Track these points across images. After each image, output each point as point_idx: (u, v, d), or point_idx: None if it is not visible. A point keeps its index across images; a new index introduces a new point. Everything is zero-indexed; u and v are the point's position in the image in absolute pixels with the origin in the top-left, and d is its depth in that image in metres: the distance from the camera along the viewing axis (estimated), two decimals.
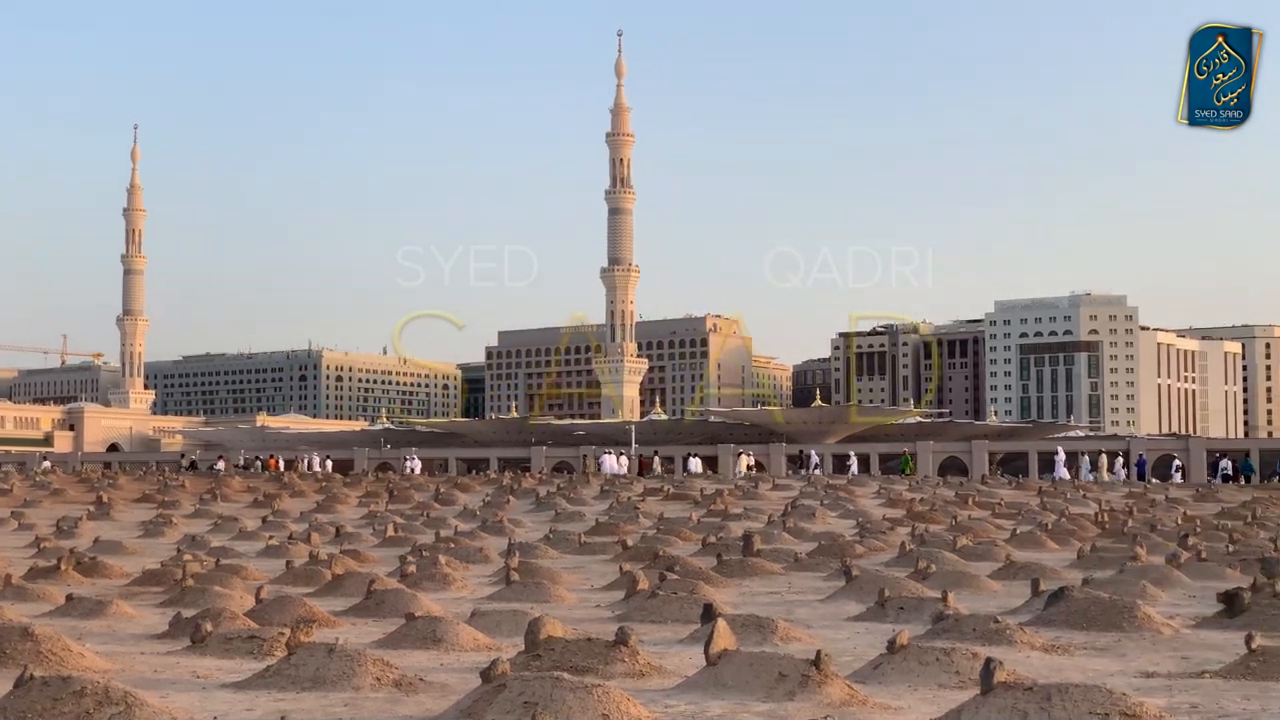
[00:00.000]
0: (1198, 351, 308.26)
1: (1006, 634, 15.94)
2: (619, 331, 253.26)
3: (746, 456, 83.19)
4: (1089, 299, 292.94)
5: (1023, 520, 40.81)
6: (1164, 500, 51.41)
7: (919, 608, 18.80)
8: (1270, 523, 40.70)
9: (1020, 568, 25.44)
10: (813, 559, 28.47)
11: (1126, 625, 17.24)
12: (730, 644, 13.25)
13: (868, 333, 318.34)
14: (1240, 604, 17.94)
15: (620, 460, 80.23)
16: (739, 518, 41.79)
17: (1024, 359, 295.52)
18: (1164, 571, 24.16)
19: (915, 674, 13.22)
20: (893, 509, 46.39)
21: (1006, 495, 53.43)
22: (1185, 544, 30.96)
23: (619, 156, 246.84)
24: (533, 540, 33.78)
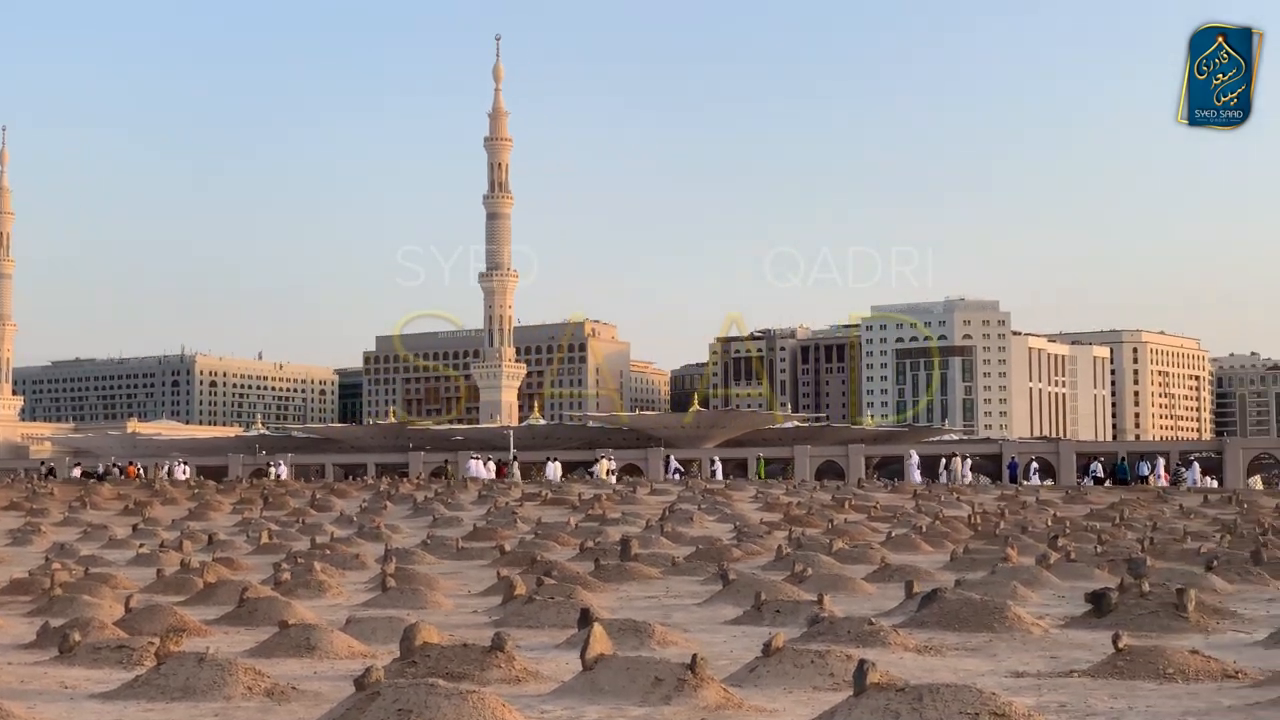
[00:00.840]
0: (1068, 356, 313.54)
1: (880, 636, 16.10)
2: (497, 336, 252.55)
3: (607, 460, 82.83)
4: (963, 304, 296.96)
5: (898, 523, 41.25)
6: (1035, 502, 52.21)
7: (795, 611, 18.92)
8: (1138, 524, 41.50)
9: (895, 570, 25.71)
10: (690, 563, 28.56)
11: (997, 626, 17.47)
12: (607, 648, 13.25)
13: (745, 338, 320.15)
14: (1108, 604, 18.26)
15: (487, 465, 79.69)
16: (617, 522, 41.83)
17: (900, 363, 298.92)
18: (1034, 572, 24.53)
19: (790, 676, 13.30)
20: (770, 513, 46.67)
21: (882, 499, 53.96)
22: (1055, 545, 31.47)
23: (497, 161, 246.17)
24: (410, 546, 33.56)
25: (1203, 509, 49.56)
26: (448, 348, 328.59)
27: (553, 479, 70.91)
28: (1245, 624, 18.52)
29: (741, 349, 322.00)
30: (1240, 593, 23.12)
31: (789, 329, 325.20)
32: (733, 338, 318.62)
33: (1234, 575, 24.91)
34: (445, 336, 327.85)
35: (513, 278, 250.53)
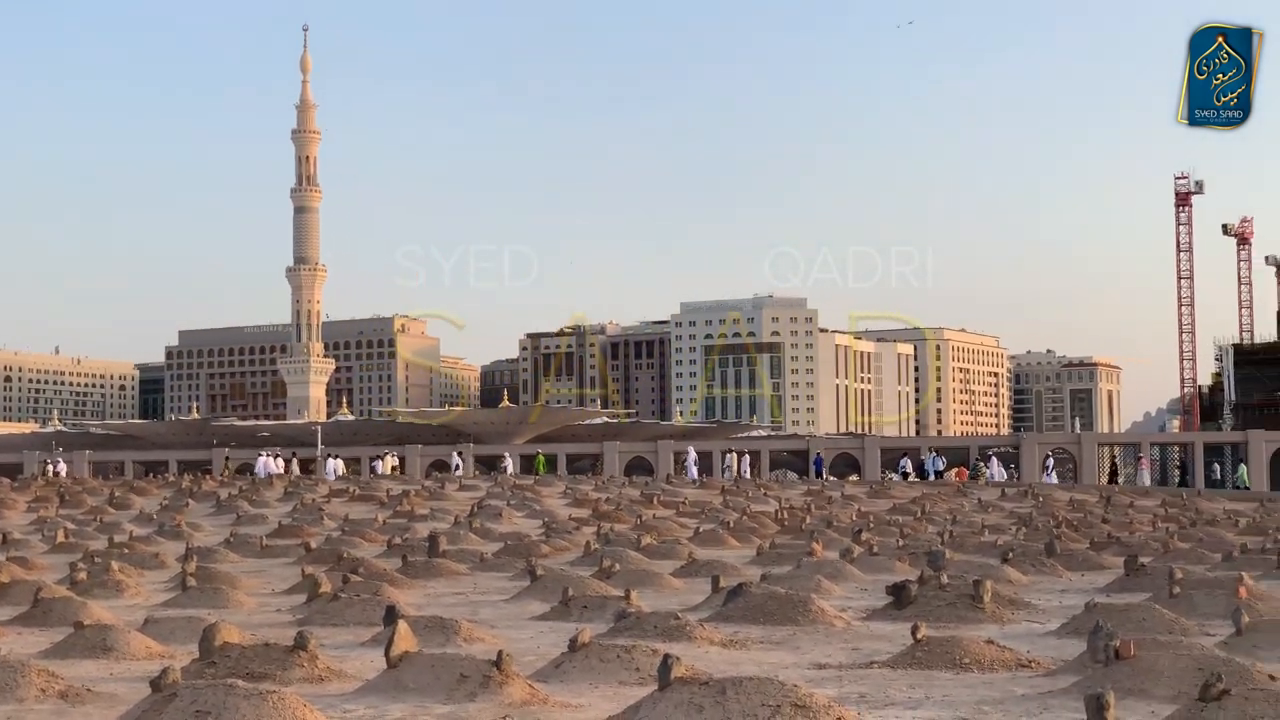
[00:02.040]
0: (873, 353, 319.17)
1: (687, 630, 16.20)
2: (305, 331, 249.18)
3: (390, 457, 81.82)
4: (771, 301, 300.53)
5: (706, 519, 41.58)
6: (840, 497, 53.03)
7: (602, 606, 18.96)
8: (938, 518, 42.39)
9: (702, 565, 25.91)
10: (499, 559, 28.48)
11: (801, 619, 17.71)
12: (411, 646, 13.14)
13: (555, 334, 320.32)
14: (908, 596, 18.61)
15: (278, 462, 78.09)
16: (425, 519, 41.53)
17: (709, 360, 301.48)
18: (838, 566, 24.92)
19: (597, 671, 13.32)
20: (579, 509, 46.73)
21: (691, 494, 54.35)
22: (859, 539, 31.99)
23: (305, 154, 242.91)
24: (212, 544, 32.92)
25: (1000, 503, 50.81)
26: (254, 343, 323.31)
27: (330, 477, 69.67)
28: (1039, 614, 19.01)
29: (552, 345, 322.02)
30: (1034, 584, 23.75)
31: (599, 325, 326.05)
32: (543, 334, 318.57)
33: (1029, 567, 25.58)
34: (252, 331, 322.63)
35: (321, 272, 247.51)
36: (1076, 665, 13.32)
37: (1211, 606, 18.00)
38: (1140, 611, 16.74)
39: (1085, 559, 27.88)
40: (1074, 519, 40.96)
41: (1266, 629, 14.97)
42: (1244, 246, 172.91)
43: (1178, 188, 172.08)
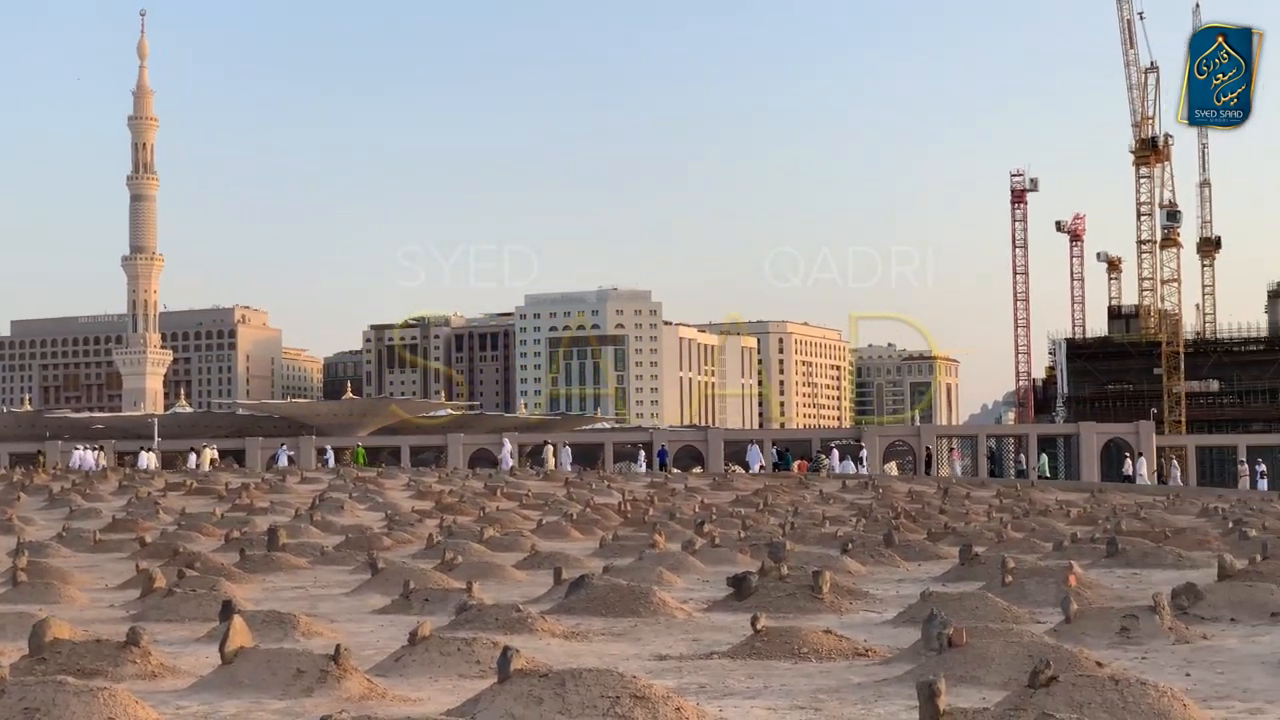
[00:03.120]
0: (717, 346, 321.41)
1: (528, 622, 16.19)
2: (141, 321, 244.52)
3: (210, 449, 79.48)
4: (616, 294, 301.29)
5: (549, 511, 41.57)
6: (684, 489, 53.34)
7: (444, 599, 18.87)
8: (780, 509, 42.82)
9: (545, 557, 25.89)
10: (339, 552, 28.22)
11: (643, 610, 17.77)
12: (247, 641, 12.95)
13: (399, 325, 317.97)
14: (748, 587, 18.77)
15: (95, 454, 75.86)
16: (265, 512, 40.99)
17: (553, 352, 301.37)
18: (680, 558, 25.05)
19: (437, 665, 13.24)
20: (422, 501, 46.45)
21: (534, 486, 54.30)
22: (701, 531, 32.22)
23: (142, 141, 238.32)
24: (44, 539, 32.17)
25: (841, 494, 51.48)
26: (89, 333, 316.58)
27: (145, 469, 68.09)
28: (876, 604, 19.28)
29: (395, 337, 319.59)
30: (873, 574, 24.09)
31: (443, 317, 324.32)
32: (386, 325, 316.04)
33: (867, 557, 25.94)
34: (86, 322, 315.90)
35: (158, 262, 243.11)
36: (911, 653, 13.53)
37: (1043, 595, 18.39)
38: (974, 600, 17.05)
39: (922, 549, 28.35)
40: (912, 510, 41.62)
41: (1094, 616, 15.34)
42: (1076, 243, 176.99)
43: (1013, 185, 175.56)
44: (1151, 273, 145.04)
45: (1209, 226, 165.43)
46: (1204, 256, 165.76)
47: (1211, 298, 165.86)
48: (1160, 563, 24.15)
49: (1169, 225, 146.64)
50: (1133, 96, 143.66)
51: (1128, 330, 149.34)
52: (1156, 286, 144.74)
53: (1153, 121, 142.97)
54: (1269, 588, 17.26)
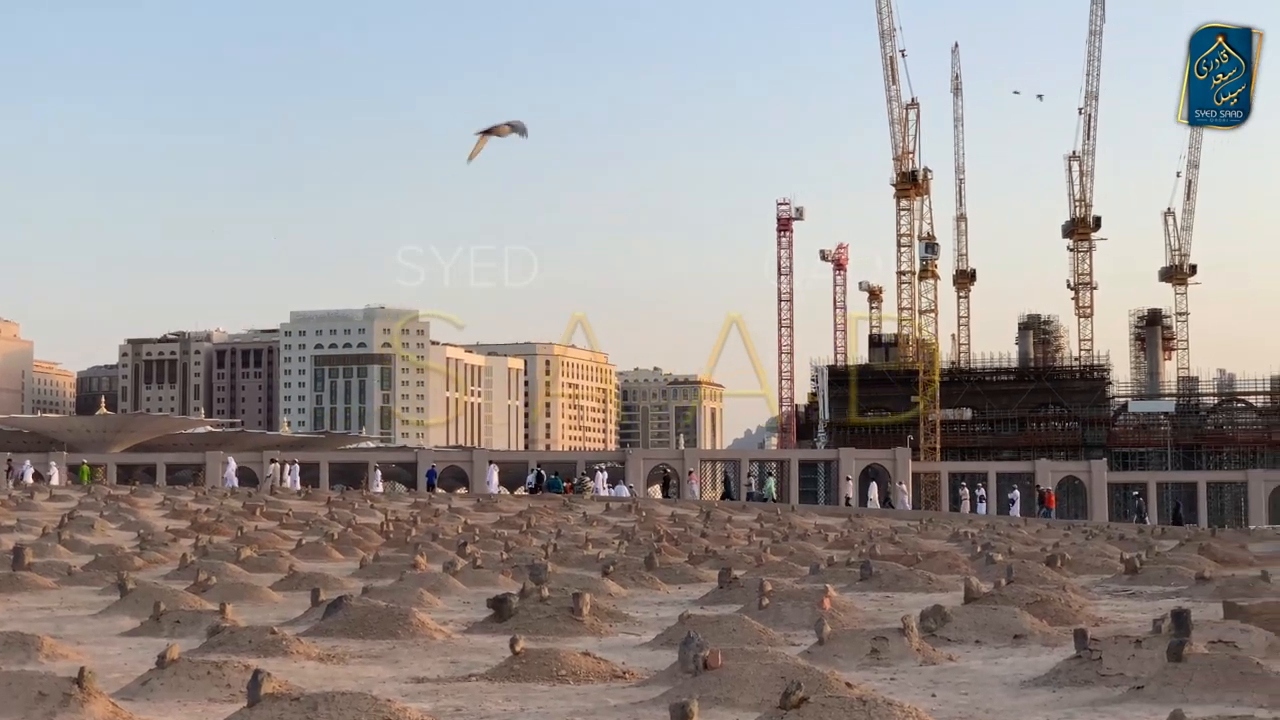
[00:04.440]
0: (484, 366, 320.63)
1: (283, 645, 15.90)
2: None
3: None
4: (383, 312, 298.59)
5: (310, 531, 40.93)
6: (447, 510, 53.00)
7: (196, 621, 18.43)
8: (544, 531, 42.84)
9: (303, 578, 25.46)
10: (88, 572, 27.37)
11: (401, 632, 17.60)
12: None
13: (158, 340, 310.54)
14: (508, 609, 18.72)
15: None
16: (11, 530, 39.57)
17: (319, 370, 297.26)
18: (442, 579, 24.88)
19: (186, 688, 12.93)
20: (177, 520, 45.32)
21: (295, 505, 53.40)
22: (464, 552, 32.04)
23: None
24: None
25: (605, 517, 51.71)
26: None
27: None
28: (636, 626, 19.40)
29: (154, 351, 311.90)
30: (633, 596, 24.23)
31: (204, 332, 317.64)
32: (145, 340, 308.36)
33: (628, 580, 26.08)
34: None
35: None
36: (668, 675, 13.63)
37: (798, 617, 18.71)
38: (731, 623, 17.26)
39: (683, 572, 28.62)
40: (675, 533, 42.00)
41: (846, 638, 15.66)
42: (840, 272, 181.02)
43: (779, 213, 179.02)
44: (910, 303, 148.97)
45: (965, 259, 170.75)
46: (960, 288, 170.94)
47: (966, 328, 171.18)
48: (911, 586, 24.75)
49: (927, 257, 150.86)
50: (894, 131, 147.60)
51: (887, 358, 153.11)
52: (915, 316, 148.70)
53: (913, 156, 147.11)
54: (1012, 611, 17.82)
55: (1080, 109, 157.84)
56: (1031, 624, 17.42)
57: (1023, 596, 19.51)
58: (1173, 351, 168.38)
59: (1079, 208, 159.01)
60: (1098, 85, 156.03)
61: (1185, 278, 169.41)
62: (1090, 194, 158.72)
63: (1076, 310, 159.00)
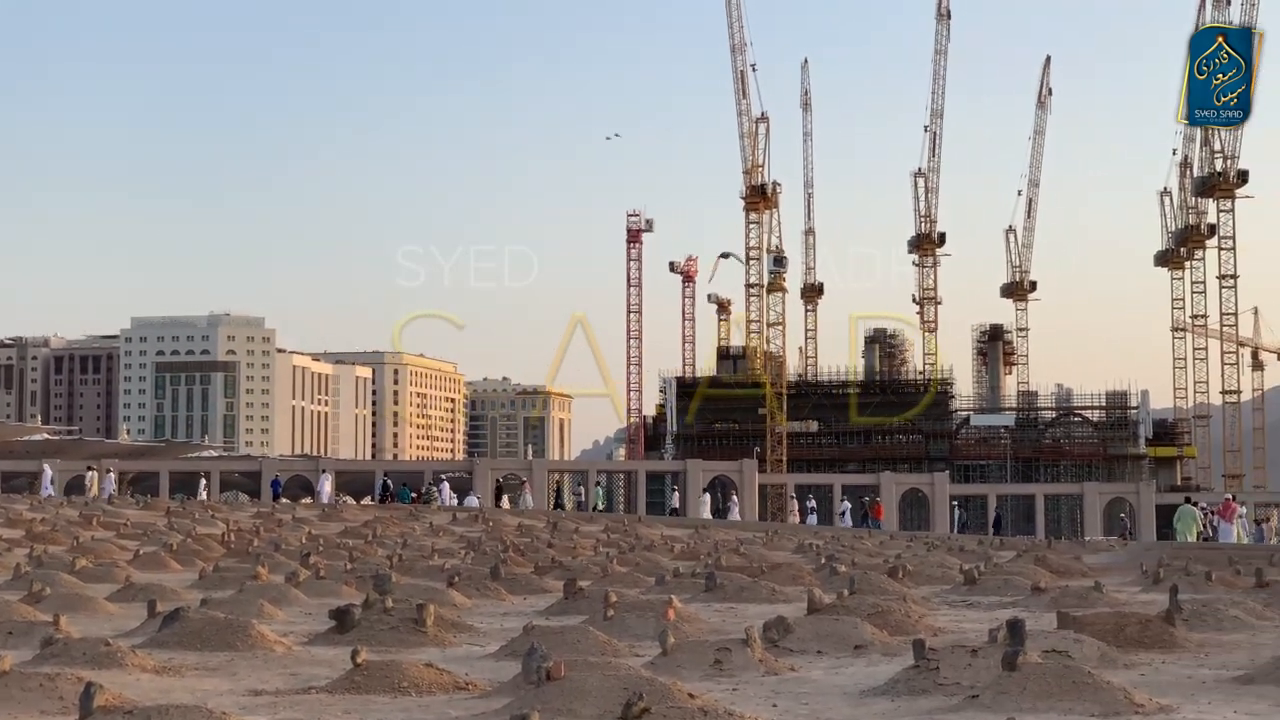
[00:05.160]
0: (331, 375, 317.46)
1: (117, 657, 15.57)
2: None
3: None
4: (228, 319, 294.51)
5: (148, 541, 40.17)
6: (291, 520, 52.36)
7: (29, 632, 17.99)
8: (389, 541, 42.48)
9: (140, 589, 24.96)
10: None
11: (240, 644, 17.33)
12: None
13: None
14: (351, 620, 18.52)
15: None
16: None
17: (160, 377, 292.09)
18: (284, 590, 24.56)
19: (17, 700, 12.61)
20: (11, 529, 44.22)
21: (133, 515, 52.38)
22: (307, 562, 31.66)
23: None
24: None
25: (451, 527, 51.44)
26: None
27: None
28: (480, 637, 19.31)
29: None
30: (478, 607, 24.12)
31: (42, 337, 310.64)
32: None
33: (473, 590, 25.97)
34: None
35: None
36: (511, 687, 13.58)
37: (643, 628, 18.75)
38: (575, 633, 17.24)
39: (529, 582, 28.55)
40: (521, 543, 41.90)
41: (690, 649, 15.72)
42: (689, 284, 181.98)
43: (629, 225, 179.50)
44: (758, 315, 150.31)
45: (812, 273, 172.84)
46: (807, 301, 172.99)
47: (814, 341, 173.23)
48: (756, 597, 24.93)
49: (775, 270, 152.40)
50: (744, 145, 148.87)
51: (735, 370, 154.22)
52: (763, 329, 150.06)
53: (762, 169, 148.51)
54: (854, 621, 18.03)
55: (926, 126, 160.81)
56: (872, 634, 17.64)
57: (864, 607, 19.75)
58: (1013, 366, 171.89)
59: (924, 223, 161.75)
60: (943, 103, 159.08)
61: (1026, 294, 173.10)
62: (935, 210, 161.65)
63: (921, 324, 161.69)
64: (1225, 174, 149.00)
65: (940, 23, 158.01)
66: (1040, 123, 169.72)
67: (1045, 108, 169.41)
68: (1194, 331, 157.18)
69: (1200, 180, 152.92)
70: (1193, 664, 15.65)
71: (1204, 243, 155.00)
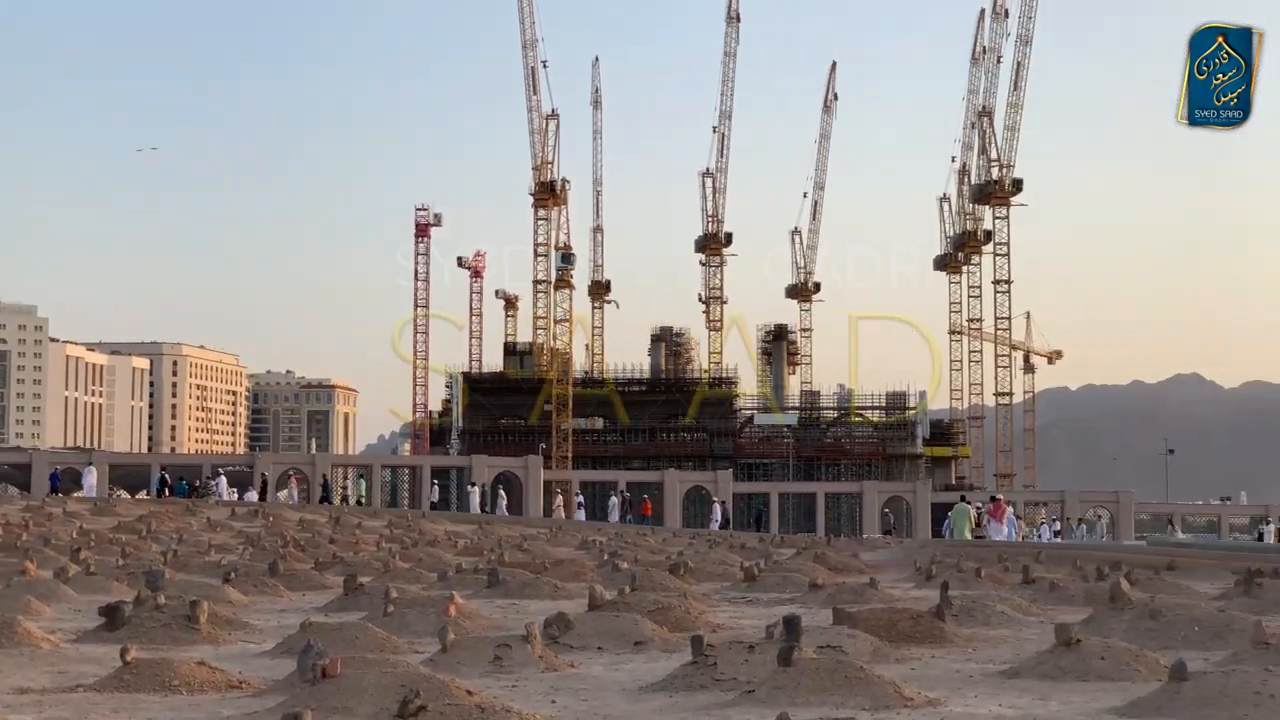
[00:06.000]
0: (106, 365, 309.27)
1: None
2: None
3: None
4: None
5: None
6: (62, 514, 50.92)
7: None
8: (164, 536, 41.57)
9: None
10: None
11: (5, 642, 16.77)
12: None
13: None
14: (121, 617, 18.07)
15: None
16: None
17: None
18: (52, 586, 23.88)
19: None
20: None
21: None
22: (77, 558, 30.82)
23: None
24: None
25: (230, 522, 50.52)
26: None
27: None
28: (256, 634, 18.99)
29: None
30: (255, 604, 23.71)
31: None
32: None
33: (250, 587, 25.53)
34: None
35: None
36: (285, 685, 13.37)
37: (423, 624, 18.61)
38: (354, 630, 17.04)
39: (308, 579, 28.17)
40: (302, 539, 41.33)
41: (469, 646, 15.65)
42: (477, 279, 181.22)
43: (418, 219, 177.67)
44: (546, 312, 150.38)
45: (600, 270, 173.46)
46: (595, 299, 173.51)
47: (601, 339, 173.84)
48: (538, 593, 24.94)
49: (563, 267, 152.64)
50: (534, 141, 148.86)
51: (522, 366, 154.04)
52: (550, 325, 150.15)
53: (552, 166, 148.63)
54: (634, 618, 18.13)
55: (715, 127, 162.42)
56: (652, 631, 17.76)
57: (645, 604, 19.87)
58: (797, 366, 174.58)
59: (711, 223, 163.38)
60: (731, 105, 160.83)
61: (810, 295, 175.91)
62: (723, 210, 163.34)
63: (707, 324, 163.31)
64: (1001, 182, 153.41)
65: (730, 25, 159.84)
66: (826, 127, 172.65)
67: (831, 112, 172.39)
68: (970, 335, 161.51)
69: (977, 188, 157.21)
70: (961, 658, 16.07)
71: (980, 248, 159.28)
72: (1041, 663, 14.31)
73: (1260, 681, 11.58)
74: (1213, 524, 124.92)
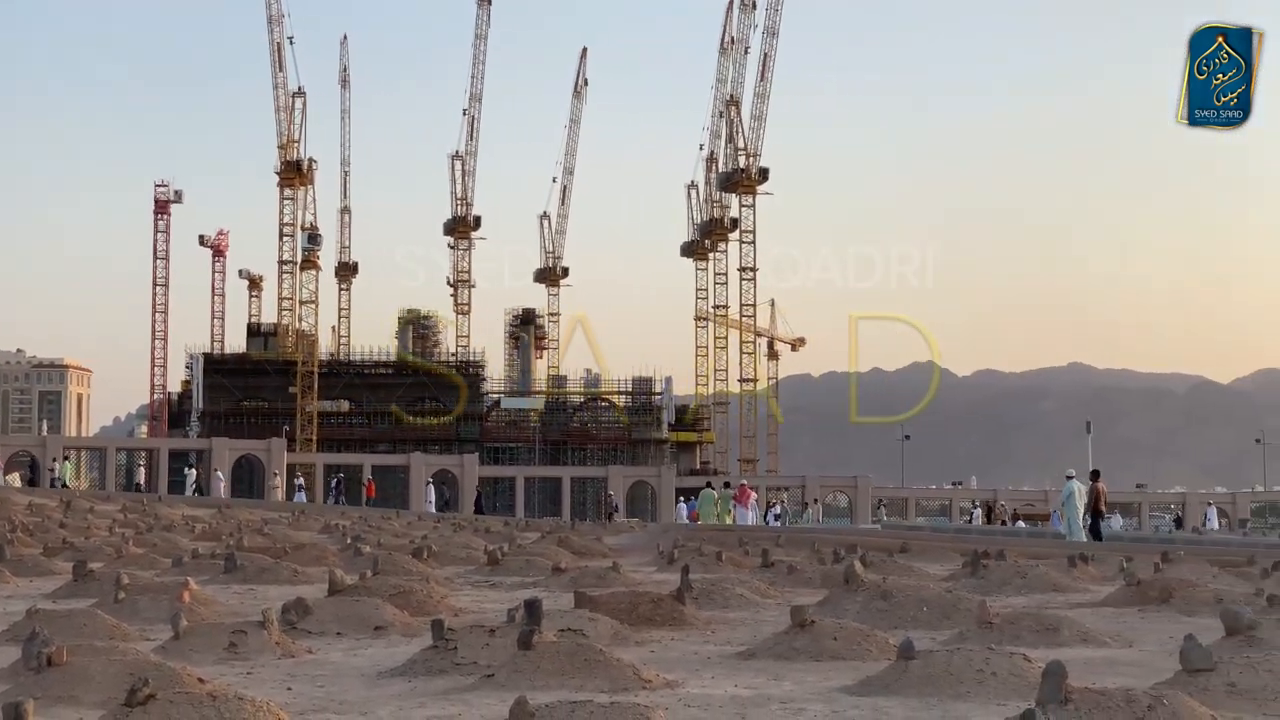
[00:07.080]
0: None
1: None
2: None
3: None
4: None
5: None
6: None
7: None
8: None
9: None
10: None
11: None
12: None
13: None
14: None
15: None
16: None
17: None
18: None
19: None
20: None
21: None
22: None
23: None
24: None
25: None
26: None
27: None
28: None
29: None
30: None
31: None
32: None
33: None
34: None
35: None
36: (9, 673, 12.91)
37: (156, 611, 18.14)
38: (83, 617, 16.53)
39: (37, 564, 27.26)
40: (31, 524, 39.96)
41: (204, 632, 15.32)
42: (219, 258, 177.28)
43: (158, 195, 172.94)
44: (291, 293, 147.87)
45: (348, 252, 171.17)
46: (341, 280, 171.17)
47: (348, 321, 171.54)
48: (277, 579, 24.52)
49: (310, 248, 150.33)
50: (280, 119, 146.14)
51: (266, 348, 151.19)
52: (295, 307, 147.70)
53: (298, 145, 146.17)
54: (375, 602, 17.95)
55: (465, 110, 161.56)
56: (393, 615, 17.61)
57: (386, 588, 19.69)
58: (544, 350, 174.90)
59: (460, 206, 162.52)
60: (482, 88, 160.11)
61: (558, 279, 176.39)
62: (472, 193, 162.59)
63: (455, 307, 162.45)
64: (748, 171, 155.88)
65: (481, 7, 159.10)
66: (576, 112, 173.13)
67: (581, 97, 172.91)
68: (715, 321, 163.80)
69: (724, 176, 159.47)
70: (700, 640, 16.29)
71: (727, 236, 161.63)
72: (777, 644, 14.60)
73: (983, 659, 12.00)
74: (944, 507, 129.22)
